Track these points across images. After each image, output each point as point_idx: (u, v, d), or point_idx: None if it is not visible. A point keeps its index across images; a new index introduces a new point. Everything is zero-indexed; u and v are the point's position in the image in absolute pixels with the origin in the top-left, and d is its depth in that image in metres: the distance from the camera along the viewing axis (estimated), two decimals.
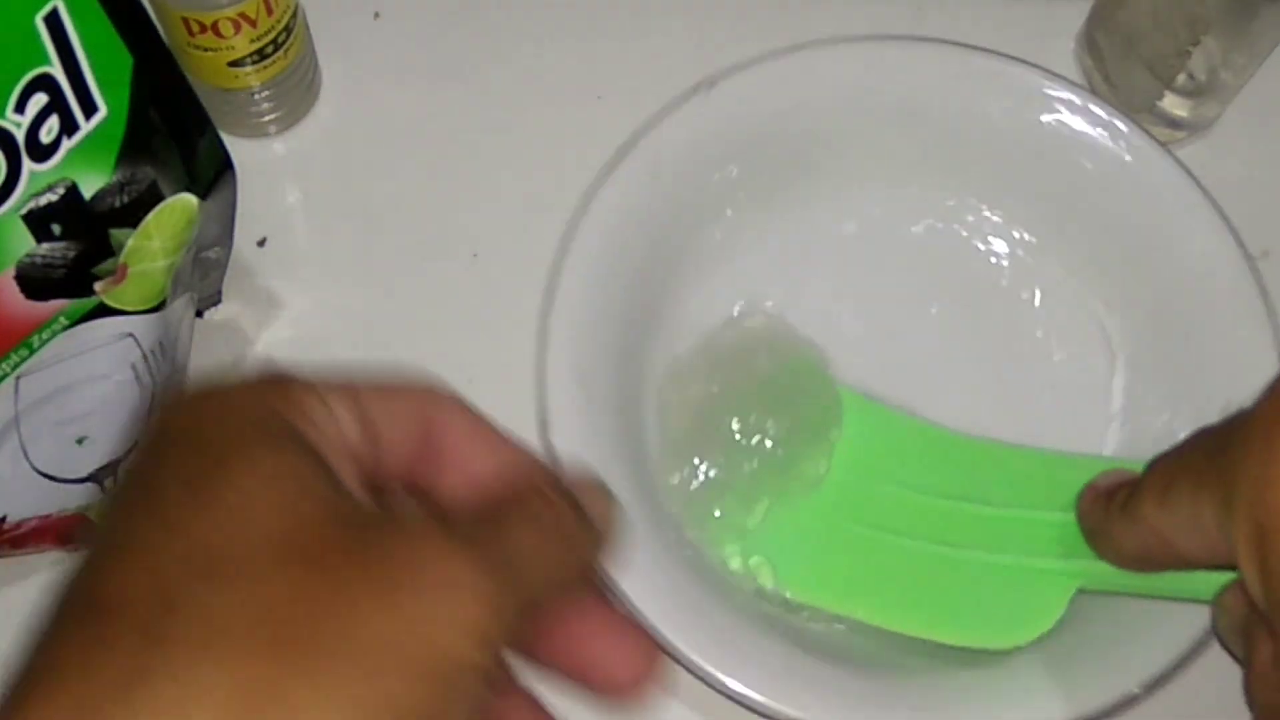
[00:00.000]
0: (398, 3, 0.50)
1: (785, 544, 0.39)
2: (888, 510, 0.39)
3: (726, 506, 0.40)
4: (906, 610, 0.38)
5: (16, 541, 0.38)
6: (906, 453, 0.40)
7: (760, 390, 0.40)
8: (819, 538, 0.39)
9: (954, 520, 0.39)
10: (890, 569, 0.39)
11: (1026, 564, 0.38)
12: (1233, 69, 0.46)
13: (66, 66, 0.32)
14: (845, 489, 0.40)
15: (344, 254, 0.47)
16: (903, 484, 0.40)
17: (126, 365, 0.37)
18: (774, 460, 0.40)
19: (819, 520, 0.40)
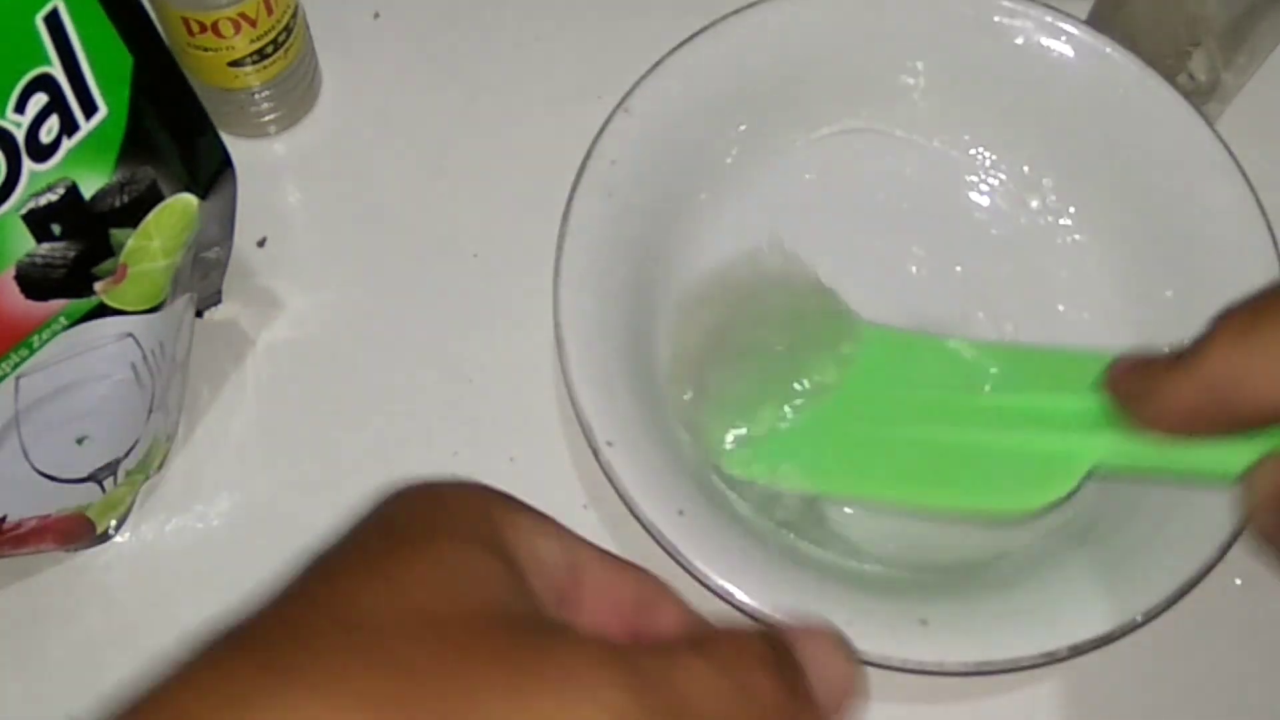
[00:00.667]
0: (398, 3, 0.50)
1: (803, 447, 0.40)
2: (903, 411, 0.41)
3: (735, 415, 0.41)
4: (925, 487, 0.40)
5: (16, 541, 0.38)
6: (921, 365, 0.41)
7: (769, 311, 0.42)
8: (837, 439, 0.41)
9: (969, 408, 0.40)
10: (907, 454, 0.40)
11: (1043, 440, 0.38)
12: (1233, 69, 0.46)
13: (66, 66, 0.32)
14: (862, 402, 0.41)
15: (344, 254, 0.47)
16: (917, 387, 0.41)
17: (126, 365, 0.37)
18: (779, 367, 0.41)
19: (836, 427, 0.41)
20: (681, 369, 0.41)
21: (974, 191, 0.46)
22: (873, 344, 0.42)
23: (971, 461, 0.39)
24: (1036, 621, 0.37)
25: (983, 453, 0.39)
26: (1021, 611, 0.38)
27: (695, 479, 0.39)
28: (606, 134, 0.42)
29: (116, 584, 0.41)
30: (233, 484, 0.43)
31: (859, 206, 0.46)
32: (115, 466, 0.39)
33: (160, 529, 0.42)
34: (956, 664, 0.36)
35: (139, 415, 0.39)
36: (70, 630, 0.41)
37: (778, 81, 0.45)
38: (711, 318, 0.42)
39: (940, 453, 0.40)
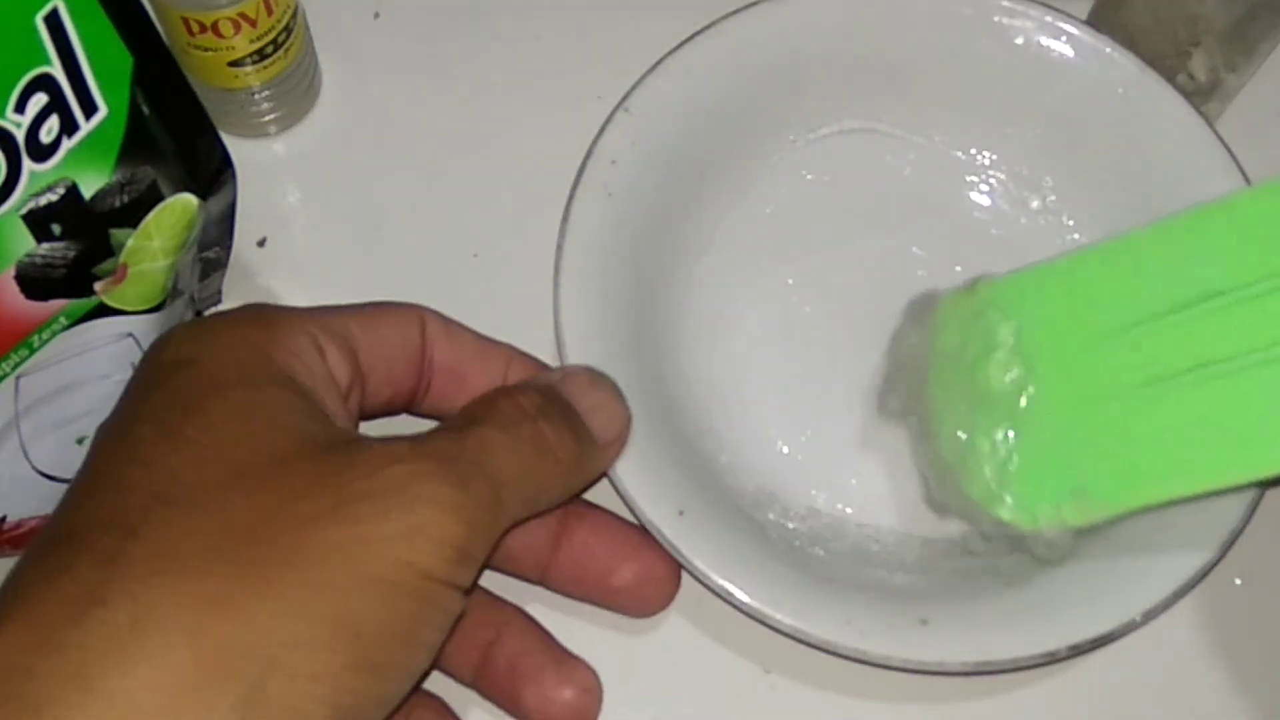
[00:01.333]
0: (398, 3, 0.50)
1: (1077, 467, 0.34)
2: (1118, 367, 0.32)
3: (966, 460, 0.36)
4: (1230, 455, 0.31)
5: (16, 541, 0.38)
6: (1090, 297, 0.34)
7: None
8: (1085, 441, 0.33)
9: (1195, 328, 0.31)
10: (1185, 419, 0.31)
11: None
12: (1233, 70, 0.46)
13: (66, 66, 0.32)
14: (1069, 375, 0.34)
15: (344, 254, 0.47)
16: (1110, 330, 0.33)
17: (126, 365, 0.37)
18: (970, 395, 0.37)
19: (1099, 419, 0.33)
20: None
21: (974, 191, 0.46)
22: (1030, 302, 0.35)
23: (1257, 401, 0.30)
24: (1036, 621, 0.37)
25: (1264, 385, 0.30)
26: (1021, 611, 0.37)
27: (695, 478, 0.39)
28: (606, 134, 0.43)
29: None
30: None
31: (858, 206, 0.46)
32: None
33: None
34: (957, 664, 0.36)
35: None
36: None
37: (777, 81, 0.45)
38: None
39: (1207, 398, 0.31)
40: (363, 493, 0.24)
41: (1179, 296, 0.32)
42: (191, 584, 0.23)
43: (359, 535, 0.24)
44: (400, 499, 0.24)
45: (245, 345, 0.28)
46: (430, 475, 0.25)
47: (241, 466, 0.25)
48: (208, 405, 0.26)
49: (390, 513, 0.24)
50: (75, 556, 0.24)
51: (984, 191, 0.46)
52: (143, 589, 0.23)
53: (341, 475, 0.25)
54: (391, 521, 0.24)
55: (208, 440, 0.25)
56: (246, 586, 0.23)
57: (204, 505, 0.24)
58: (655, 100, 0.43)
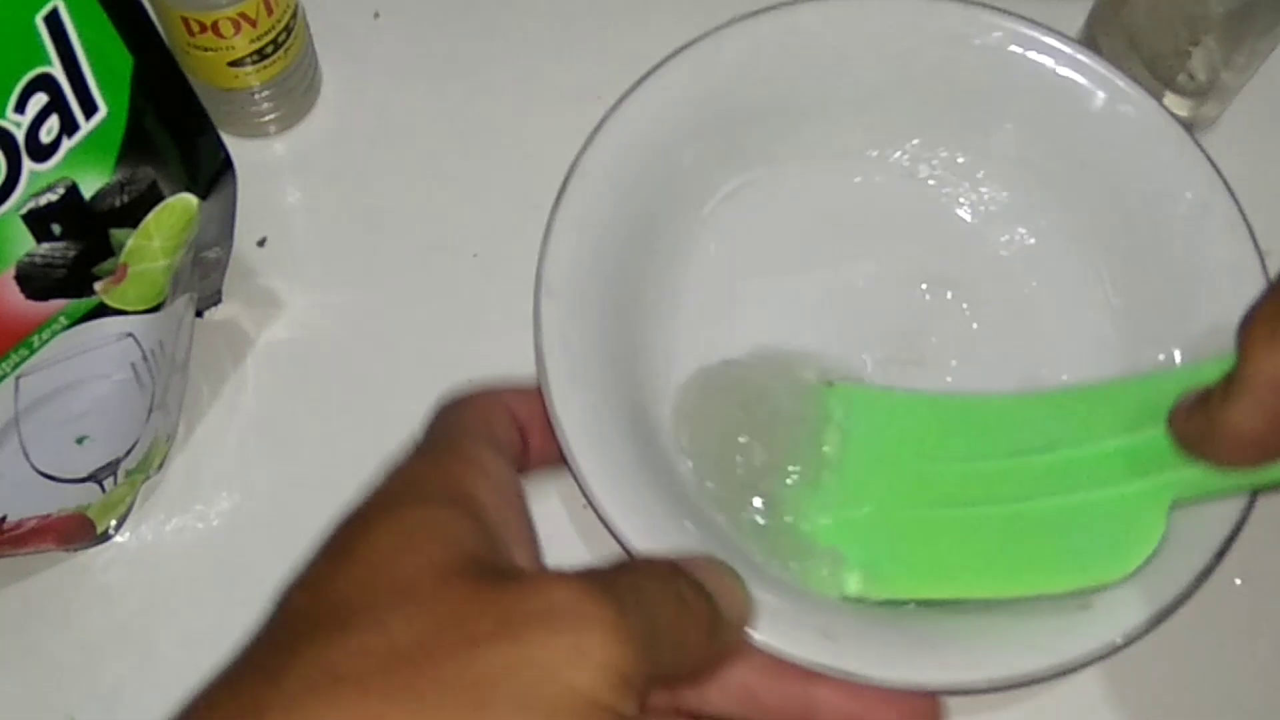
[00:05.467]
0: (398, 3, 0.50)
1: (857, 549, 0.38)
2: (950, 488, 0.38)
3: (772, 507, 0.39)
4: (1003, 574, 0.37)
5: (16, 541, 0.38)
6: (939, 429, 0.39)
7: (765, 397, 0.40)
8: (890, 534, 0.38)
9: (1020, 475, 0.37)
10: (972, 541, 0.37)
11: (1111, 493, 0.35)
12: (1233, 69, 0.46)
13: (66, 66, 0.32)
14: (900, 481, 0.38)
15: (344, 254, 0.47)
16: (956, 459, 0.38)
17: (126, 365, 0.37)
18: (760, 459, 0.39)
19: (885, 517, 0.38)
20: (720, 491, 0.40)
21: (963, 212, 0.46)
22: (877, 412, 0.40)
23: (1043, 534, 0.36)
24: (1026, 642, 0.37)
25: (1058, 520, 0.36)
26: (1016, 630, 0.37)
27: (691, 513, 0.38)
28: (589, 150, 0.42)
29: (116, 584, 0.41)
30: (233, 484, 0.43)
31: (845, 231, 0.45)
32: (115, 466, 0.39)
33: (160, 529, 0.42)
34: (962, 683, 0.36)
35: (139, 415, 0.39)
36: (70, 630, 0.41)
37: (764, 100, 0.44)
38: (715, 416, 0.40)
39: (1009, 533, 0.36)
40: (528, 614, 0.24)
41: (1007, 448, 0.38)
42: (348, 705, 0.23)
43: (523, 658, 0.23)
44: (565, 620, 0.24)
45: (431, 466, 0.28)
46: (595, 599, 0.25)
47: (404, 584, 0.25)
48: (379, 525, 0.26)
49: (555, 634, 0.24)
50: (241, 675, 0.24)
51: (972, 213, 0.45)
52: (298, 707, 0.23)
53: (505, 597, 0.25)
54: (557, 642, 0.24)
55: (370, 558, 0.25)
56: (405, 708, 0.23)
57: (365, 625, 0.24)
58: (636, 119, 0.42)
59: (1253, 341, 0.30)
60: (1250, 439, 0.31)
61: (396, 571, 0.25)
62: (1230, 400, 0.31)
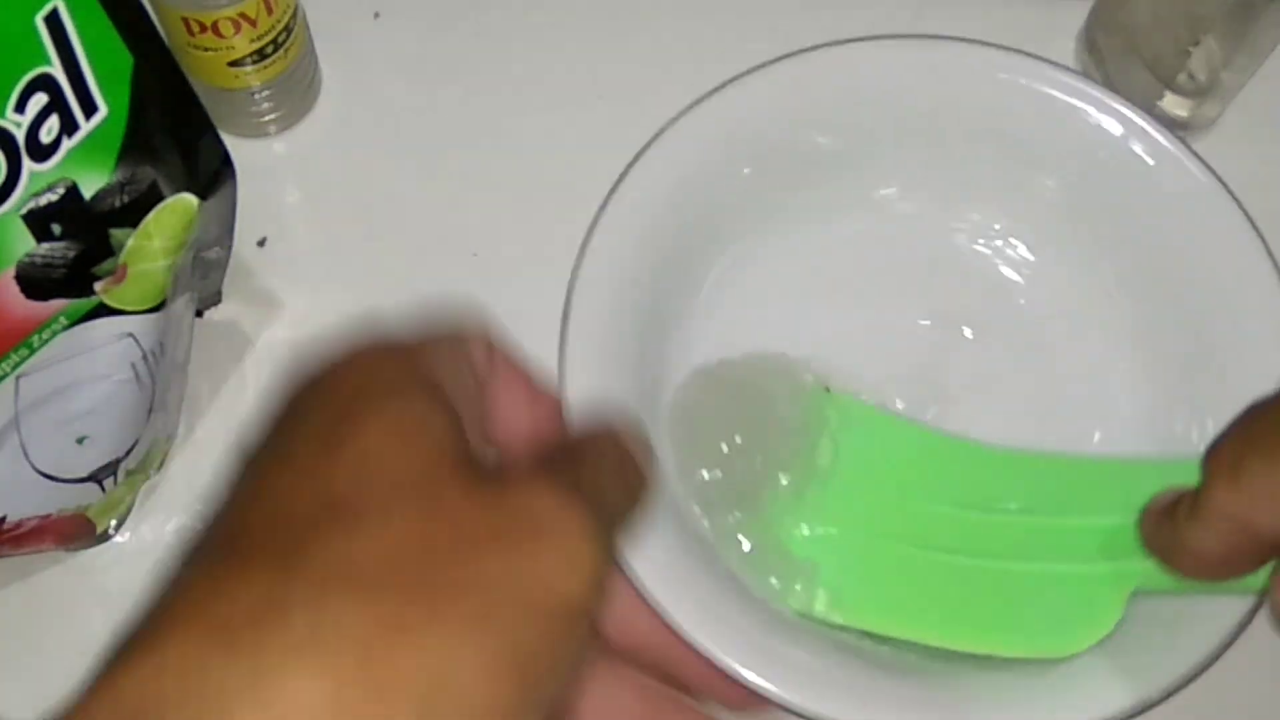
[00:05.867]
0: (398, 3, 0.50)
1: (829, 568, 0.39)
2: (927, 527, 0.39)
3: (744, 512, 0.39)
4: (959, 626, 0.38)
5: (16, 541, 0.38)
6: (938, 467, 0.40)
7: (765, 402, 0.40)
8: (863, 559, 0.39)
9: (994, 532, 0.38)
10: (937, 586, 0.38)
11: (1076, 570, 0.37)
12: (1233, 69, 0.46)
13: (66, 66, 0.32)
14: (882, 508, 0.39)
15: (344, 254, 0.47)
16: (939, 499, 0.39)
17: (126, 365, 0.37)
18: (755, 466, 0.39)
19: (861, 541, 0.39)
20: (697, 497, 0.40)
21: (979, 252, 0.45)
22: (881, 436, 0.40)
23: (1010, 596, 0.37)
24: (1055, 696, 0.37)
25: (1020, 584, 0.37)
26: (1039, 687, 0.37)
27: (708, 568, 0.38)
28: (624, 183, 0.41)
29: (116, 584, 0.41)
30: None
31: (865, 275, 0.45)
32: (115, 466, 0.39)
33: (160, 529, 0.42)
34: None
35: (139, 415, 0.39)
36: (70, 630, 0.41)
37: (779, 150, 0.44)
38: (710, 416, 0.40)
39: (973, 586, 0.38)
40: (519, 522, 0.26)
41: (994, 501, 0.39)
42: (365, 602, 0.23)
43: (520, 565, 0.25)
44: (552, 531, 0.26)
45: (394, 361, 0.29)
46: (574, 507, 0.26)
47: (400, 481, 0.25)
48: (363, 417, 0.27)
49: (545, 544, 0.25)
50: (247, 562, 0.24)
51: (991, 256, 0.45)
52: (319, 600, 0.23)
53: (497, 502, 0.26)
54: (547, 552, 0.25)
55: (364, 450, 0.26)
56: (419, 609, 0.23)
57: (368, 521, 0.25)
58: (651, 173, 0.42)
59: (1214, 474, 0.31)
60: (1207, 560, 0.33)
61: (390, 465, 0.26)
62: (1191, 521, 0.32)
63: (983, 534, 0.38)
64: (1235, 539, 0.32)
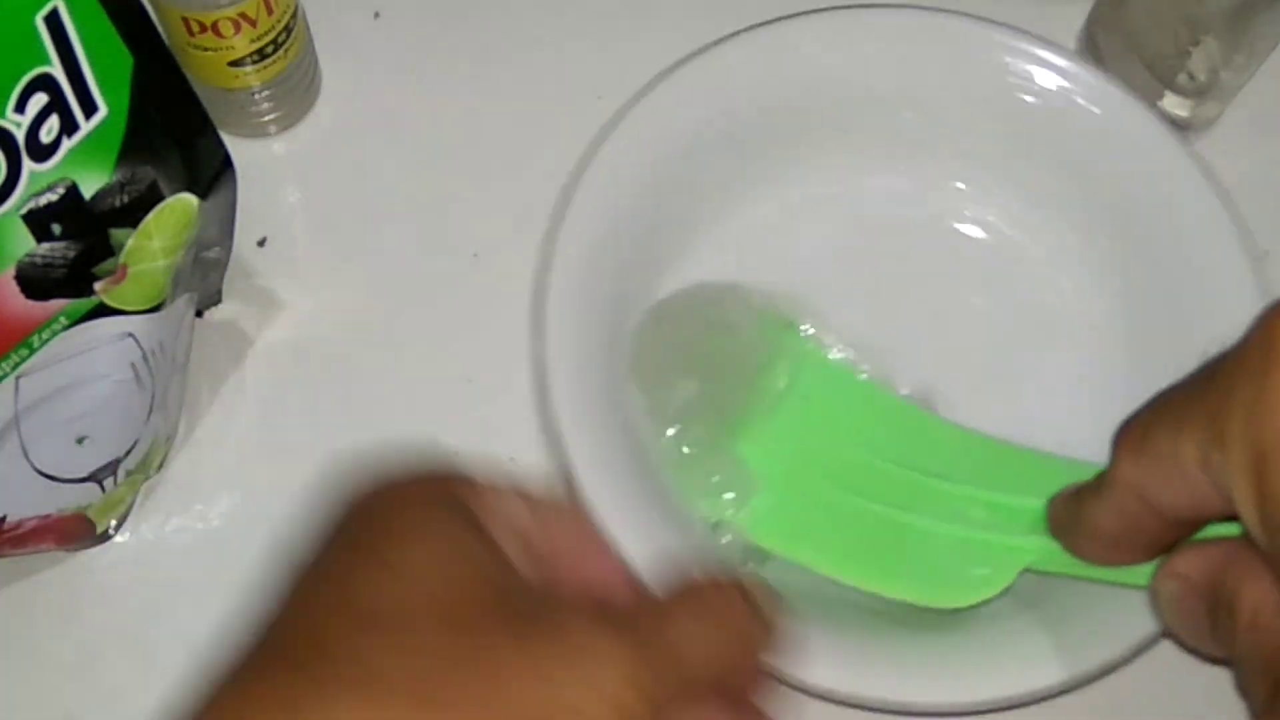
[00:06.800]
0: (398, 3, 0.50)
1: (761, 487, 0.40)
2: (852, 472, 0.41)
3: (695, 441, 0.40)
4: (860, 565, 0.40)
5: (16, 541, 0.38)
6: (875, 420, 0.42)
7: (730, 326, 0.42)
8: (787, 490, 0.40)
9: (913, 489, 0.40)
10: (849, 526, 0.40)
11: (979, 536, 0.39)
12: (1233, 69, 0.46)
13: (66, 66, 0.32)
14: (817, 445, 0.41)
15: (344, 254, 0.47)
16: (869, 449, 0.41)
17: (126, 365, 0.37)
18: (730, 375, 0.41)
19: (789, 474, 0.41)
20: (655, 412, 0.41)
21: (964, 225, 0.46)
22: (829, 386, 0.42)
23: (911, 546, 0.40)
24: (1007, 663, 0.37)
25: (924, 539, 0.39)
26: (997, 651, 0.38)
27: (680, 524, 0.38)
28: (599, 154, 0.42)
29: (116, 584, 0.41)
30: (233, 484, 0.43)
31: (848, 241, 0.45)
32: (115, 466, 0.39)
33: (160, 529, 0.42)
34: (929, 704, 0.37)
35: (139, 415, 0.39)
36: (70, 630, 0.41)
37: (769, 110, 0.44)
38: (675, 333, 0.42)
39: (880, 532, 0.40)
40: (549, 643, 0.26)
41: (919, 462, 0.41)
42: (379, 706, 0.23)
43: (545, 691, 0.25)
44: (582, 656, 0.26)
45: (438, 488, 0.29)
46: (612, 636, 0.26)
47: (433, 599, 0.26)
48: (408, 537, 0.27)
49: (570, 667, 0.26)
50: (271, 664, 0.25)
51: (975, 225, 0.45)
52: (332, 699, 0.23)
53: (529, 625, 0.26)
54: (573, 677, 0.25)
55: (400, 566, 0.26)
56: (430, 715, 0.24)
57: (394, 631, 0.25)
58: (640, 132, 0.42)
59: (1122, 446, 0.31)
60: (1105, 536, 0.33)
61: (426, 584, 0.26)
62: (1095, 497, 0.33)
63: (900, 488, 0.40)
64: (1134, 512, 0.31)
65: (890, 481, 0.41)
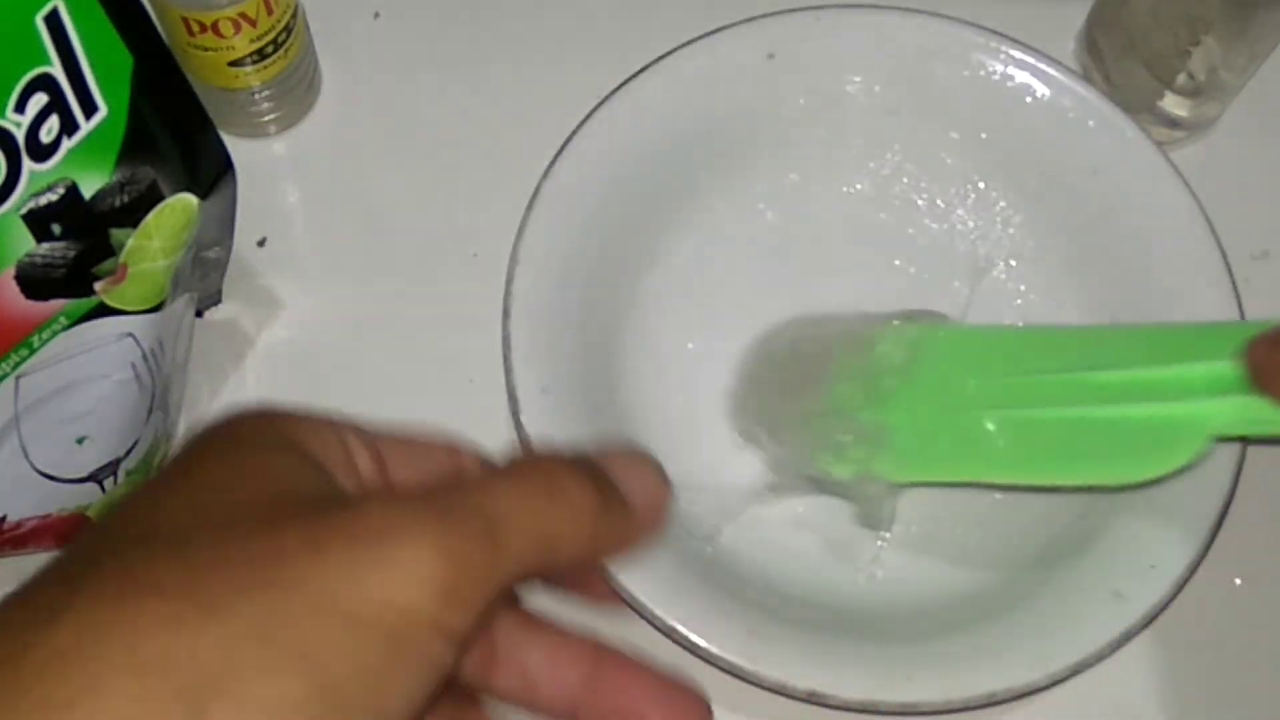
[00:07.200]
0: (398, 3, 0.50)
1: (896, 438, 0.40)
2: (1006, 394, 0.39)
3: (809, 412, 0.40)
4: (1032, 465, 0.38)
5: (16, 541, 0.38)
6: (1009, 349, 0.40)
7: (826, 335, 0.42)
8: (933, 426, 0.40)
9: (1073, 387, 0.38)
10: (1010, 435, 0.39)
11: (1158, 411, 0.37)
12: (1233, 69, 0.46)
13: (66, 66, 0.32)
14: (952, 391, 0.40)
15: (344, 254, 0.47)
16: (1013, 371, 0.40)
17: (126, 365, 0.37)
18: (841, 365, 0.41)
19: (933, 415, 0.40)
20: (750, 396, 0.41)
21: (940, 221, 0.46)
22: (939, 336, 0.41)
23: (1087, 436, 0.38)
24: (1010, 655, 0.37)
25: (1099, 427, 0.37)
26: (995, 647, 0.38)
27: None
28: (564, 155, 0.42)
29: None
30: None
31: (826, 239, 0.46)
32: (115, 466, 0.39)
33: None
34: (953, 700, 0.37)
35: (139, 415, 0.39)
36: None
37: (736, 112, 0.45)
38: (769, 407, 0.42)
39: (1051, 430, 0.38)
40: (336, 529, 0.24)
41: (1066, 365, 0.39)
42: (140, 605, 0.22)
43: (326, 566, 0.23)
44: (379, 534, 0.24)
45: (263, 424, 0.28)
46: (413, 512, 0.24)
47: (218, 512, 0.24)
48: (204, 464, 0.26)
49: (364, 548, 0.23)
50: (41, 583, 0.24)
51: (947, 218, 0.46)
52: (94, 608, 0.22)
53: (320, 518, 0.24)
54: (365, 556, 0.23)
55: (193, 492, 0.25)
56: (198, 607, 0.22)
57: (170, 542, 0.24)
58: (602, 135, 0.43)
59: None
60: None
61: (213, 500, 0.25)
62: None
63: (1059, 390, 0.38)
64: None
65: (1046, 388, 0.39)
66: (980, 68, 0.44)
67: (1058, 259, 0.44)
